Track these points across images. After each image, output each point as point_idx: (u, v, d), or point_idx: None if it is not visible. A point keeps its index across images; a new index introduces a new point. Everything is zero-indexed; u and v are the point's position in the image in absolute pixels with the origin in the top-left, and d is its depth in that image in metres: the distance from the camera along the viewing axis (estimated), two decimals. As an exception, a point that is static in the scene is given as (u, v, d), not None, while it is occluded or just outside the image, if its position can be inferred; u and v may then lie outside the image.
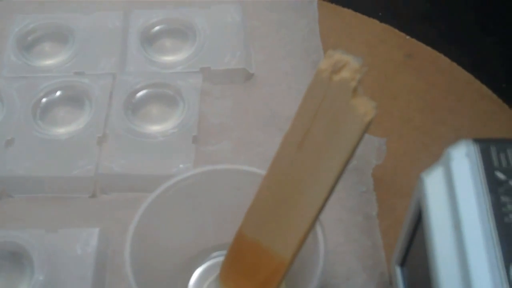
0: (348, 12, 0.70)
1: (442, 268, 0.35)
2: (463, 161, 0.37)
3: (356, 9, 0.70)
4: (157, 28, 0.66)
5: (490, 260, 0.33)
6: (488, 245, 0.33)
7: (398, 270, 0.47)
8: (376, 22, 0.69)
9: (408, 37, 0.67)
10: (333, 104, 0.39)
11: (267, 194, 0.44)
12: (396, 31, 0.68)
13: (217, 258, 0.50)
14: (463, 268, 0.34)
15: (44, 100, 0.60)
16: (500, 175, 0.36)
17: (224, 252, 0.48)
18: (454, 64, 0.65)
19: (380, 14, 0.70)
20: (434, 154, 0.40)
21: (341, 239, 0.53)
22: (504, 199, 0.35)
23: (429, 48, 0.66)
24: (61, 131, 0.58)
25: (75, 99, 0.60)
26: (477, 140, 0.38)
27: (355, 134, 0.38)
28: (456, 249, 0.35)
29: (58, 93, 0.61)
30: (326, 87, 0.39)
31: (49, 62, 0.64)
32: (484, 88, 0.63)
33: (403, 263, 0.47)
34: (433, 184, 0.38)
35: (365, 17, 0.70)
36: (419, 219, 0.40)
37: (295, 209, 0.42)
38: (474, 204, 0.35)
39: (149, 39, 0.65)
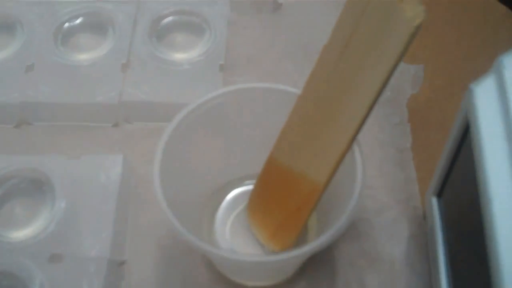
0: None
1: (493, 184, 0.32)
2: (518, 69, 0.35)
3: None
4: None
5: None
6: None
7: (434, 201, 0.45)
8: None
9: (443, -32, 0.64)
10: (379, 8, 0.36)
11: (301, 114, 0.42)
12: (431, -38, 0.65)
13: (246, 187, 0.49)
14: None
15: (66, 25, 0.58)
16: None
17: (254, 181, 0.46)
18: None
19: None
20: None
21: (373, 172, 0.51)
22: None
23: (464, -20, 0.64)
24: (84, 57, 0.56)
25: (98, 25, 0.58)
26: (533, 48, 0.35)
27: (402, 40, 0.35)
28: (510, 164, 0.32)
29: (81, 19, 0.59)
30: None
31: (70, -13, 0.61)
32: (521, 21, 0.60)
33: (440, 193, 0.45)
34: (484, 94, 0.35)
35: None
36: (465, 137, 0.38)
37: (332, 129, 0.40)
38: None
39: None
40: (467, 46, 0.59)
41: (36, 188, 0.48)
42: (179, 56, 0.56)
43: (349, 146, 0.40)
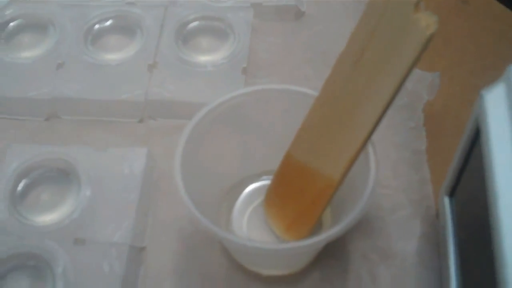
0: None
1: (501, 188, 0.33)
2: (527, 76, 0.36)
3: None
4: (210, -39, 0.65)
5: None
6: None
7: (446, 201, 0.46)
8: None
9: (463, -18, 0.66)
10: (393, 19, 0.38)
11: (318, 114, 0.44)
12: (452, -24, 0.67)
13: (263, 182, 0.50)
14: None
15: (96, 27, 0.60)
16: None
17: (271, 177, 0.48)
18: (509, 11, 0.64)
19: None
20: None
21: (388, 173, 0.52)
22: None
23: (484, -6, 0.65)
24: (112, 57, 0.58)
25: (126, 28, 0.61)
26: (541, 56, 0.37)
27: (416, 48, 0.37)
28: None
29: (110, 21, 0.61)
30: (386, 2, 0.39)
31: (102, -9, 0.64)
32: (537, 35, 0.62)
33: (452, 193, 0.46)
34: (494, 101, 0.37)
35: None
36: (476, 140, 0.39)
37: (347, 129, 0.42)
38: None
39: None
40: (483, 57, 0.60)
41: (62, 177, 0.50)
42: (203, 58, 0.58)
43: (363, 145, 0.41)
